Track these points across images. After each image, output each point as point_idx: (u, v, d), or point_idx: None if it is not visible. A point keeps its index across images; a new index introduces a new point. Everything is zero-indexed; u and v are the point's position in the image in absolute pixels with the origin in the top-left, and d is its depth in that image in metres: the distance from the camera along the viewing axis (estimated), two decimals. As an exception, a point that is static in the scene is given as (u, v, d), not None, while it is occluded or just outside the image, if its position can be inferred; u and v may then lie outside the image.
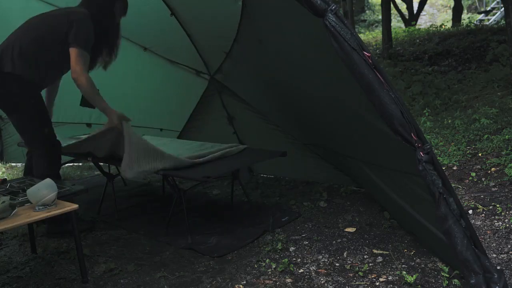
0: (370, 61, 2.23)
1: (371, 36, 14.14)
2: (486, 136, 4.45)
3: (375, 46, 11.68)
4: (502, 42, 7.88)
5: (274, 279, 2.66)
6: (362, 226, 3.31)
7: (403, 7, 15.69)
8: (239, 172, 3.63)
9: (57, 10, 3.54)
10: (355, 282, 2.57)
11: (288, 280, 2.64)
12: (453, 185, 3.62)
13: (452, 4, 14.81)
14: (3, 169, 5.51)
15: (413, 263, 2.71)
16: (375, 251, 2.91)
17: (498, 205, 3.25)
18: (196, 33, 4.23)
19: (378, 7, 17.74)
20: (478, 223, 3.10)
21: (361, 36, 14.55)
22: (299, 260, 2.88)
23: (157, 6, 3.99)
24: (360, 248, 2.97)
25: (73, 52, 3.21)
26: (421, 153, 2.26)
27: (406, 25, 14.44)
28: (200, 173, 3.21)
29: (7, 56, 3.22)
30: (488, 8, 16.77)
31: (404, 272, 2.57)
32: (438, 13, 21.45)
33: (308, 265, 2.81)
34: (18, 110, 3.31)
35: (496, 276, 2.25)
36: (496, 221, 3.09)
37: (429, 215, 2.53)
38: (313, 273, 2.70)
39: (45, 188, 2.58)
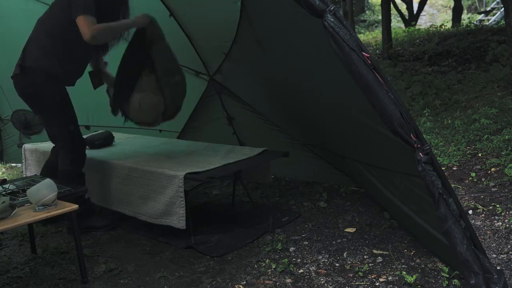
0: (369, 61, 2.23)
1: (371, 36, 14.14)
2: (486, 136, 4.45)
3: (375, 46, 11.68)
4: (502, 42, 7.88)
5: (274, 279, 2.66)
6: (362, 226, 3.31)
7: (403, 7, 15.69)
8: (241, 172, 3.64)
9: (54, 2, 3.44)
10: (355, 282, 2.57)
11: (288, 281, 2.64)
12: (453, 185, 3.62)
13: (452, 4, 14.82)
14: (3, 169, 5.52)
15: (413, 263, 2.71)
16: (375, 251, 2.91)
17: (498, 205, 3.25)
18: (195, 34, 4.23)
19: (378, 7, 17.74)
20: (478, 223, 3.11)
21: (361, 36, 14.56)
22: (299, 260, 2.88)
23: (156, 7, 3.99)
24: (360, 248, 2.97)
25: (78, 21, 3.14)
26: (420, 153, 2.26)
27: (406, 25, 14.44)
28: (202, 174, 3.21)
29: (30, 53, 3.28)
30: (488, 8, 16.77)
31: (404, 272, 2.57)
32: (438, 14, 21.45)
33: (308, 265, 2.81)
34: (45, 107, 3.37)
35: (495, 277, 2.25)
36: (496, 221, 3.09)
37: (429, 216, 2.54)
38: (313, 273, 2.70)
39: (45, 188, 2.58)
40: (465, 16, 16.32)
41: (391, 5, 11.71)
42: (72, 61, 3.41)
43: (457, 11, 13.47)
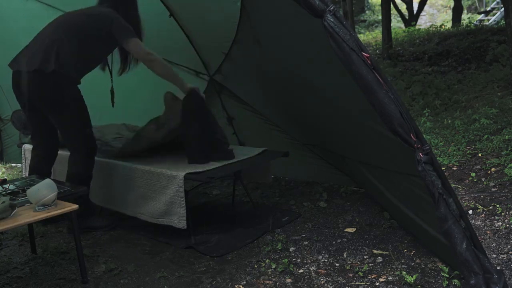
0: (369, 61, 2.23)
1: (371, 36, 14.14)
2: (486, 136, 4.45)
3: (375, 46, 11.69)
4: (502, 42, 7.88)
5: (274, 279, 2.66)
6: (362, 226, 3.31)
7: (403, 7, 15.70)
8: (241, 172, 3.64)
9: (88, 10, 3.48)
10: (355, 282, 2.57)
11: (288, 281, 2.64)
12: (453, 185, 3.62)
13: (452, 4, 14.82)
14: (3, 169, 5.52)
15: (413, 263, 2.71)
16: (375, 251, 2.91)
17: (498, 205, 3.26)
18: (195, 34, 4.23)
19: (378, 7, 17.74)
20: (478, 223, 3.11)
21: (361, 36, 14.56)
22: (299, 260, 2.88)
23: (156, 7, 3.99)
24: (360, 248, 2.97)
25: (132, 43, 3.28)
26: (420, 153, 2.26)
27: (406, 25, 14.44)
28: (202, 174, 3.21)
29: (52, 56, 3.18)
30: (488, 9, 16.77)
31: (404, 272, 2.57)
32: (438, 14, 21.45)
33: (308, 265, 2.81)
34: (63, 111, 3.31)
35: (495, 277, 2.25)
36: (496, 221, 3.09)
37: (429, 216, 2.54)
38: (313, 273, 2.70)
39: (45, 188, 2.58)
40: (465, 16, 16.32)
41: (391, 5, 11.71)
42: (89, 66, 3.48)
43: (457, 11, 13.47)
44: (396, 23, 17.45)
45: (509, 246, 2.77)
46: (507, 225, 3.00)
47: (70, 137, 3.45)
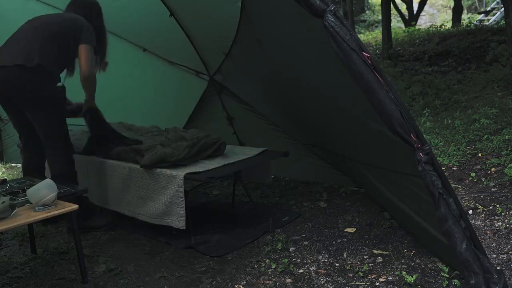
0: (370, 61, 2.23)
1: (371, 36, 14.15)
2: (486, 136, 4.45)
3: (375, 47, 11.69)
4: (502, 42, 7.89)
5: (274, 280, 2.66)
6: (362, 226, 3.31)
7: (403, 7, 15.70)
8: (241, 172, 3.64)
9: (63, 14, 3.63)
10: (355, 282, 2.57)
11: (288, 281, 2.64)
12: (453, 185, 3.62)
13: (452, 4, 14.83)
14: (3, 170, 5.52)
15: (413, 263, 2.71)
16: (375, 251, 2.91)
17: (498, 205, 3.26)
18: (195, 33, 4.23)
19: (378, 7, 17.74)
20: (478, 223, 3.11)
21: (361, 36, 14.57)
22: (299, 260, 2.88)
23: (156, 7, 3.99)
24: (360, 248, 2.97)
25: (83, 48, 3.35)
26: (420, 153, 2.26)
27: (406, 26, 14.45)
28: (202, 174, 3.21)
29: (36, 52, 3.22)
30: (488, 9, 16.77)
31: (404, 272, 2.57)
32: (438, 14, 21.46)
33: (308, 265, 2.81)
34: (43, 107, 3.30)
35: (495, 277, 2.25)
36: (496, 221, 3.09)
37: (428, 216, 2.54)
38: (313, 274, 2.70)
39: (45, 188, 2.58)
40: (465, 16, 16.33)
41: (391, 5, 11.72)
42: (65, 65, 3.51)
43: (457, 11, 13.48)
44: (396, 23, 17.46)
45: (509, 246, 2.77)
46: (507, 225, 3.00)
47: (49, 135, 3.41)
